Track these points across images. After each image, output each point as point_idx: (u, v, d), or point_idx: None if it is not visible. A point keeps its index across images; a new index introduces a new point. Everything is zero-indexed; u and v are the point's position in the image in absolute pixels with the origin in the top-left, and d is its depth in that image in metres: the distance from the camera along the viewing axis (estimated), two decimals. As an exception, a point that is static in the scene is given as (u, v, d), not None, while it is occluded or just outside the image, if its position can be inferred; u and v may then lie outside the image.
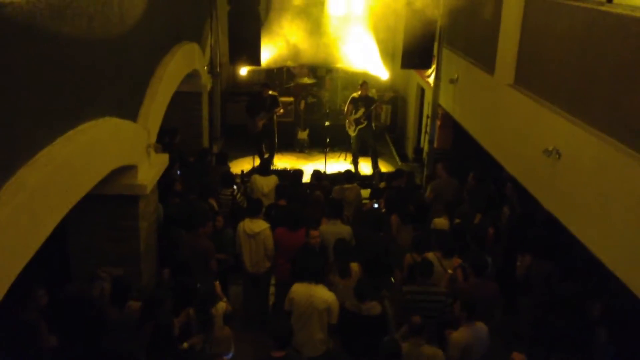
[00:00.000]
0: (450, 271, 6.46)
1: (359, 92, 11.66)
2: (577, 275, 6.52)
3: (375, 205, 8.25)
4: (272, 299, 7.73)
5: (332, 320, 5.85)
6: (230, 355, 5.73)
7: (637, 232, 4.45)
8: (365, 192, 9.77)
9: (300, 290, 5.92)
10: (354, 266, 6.53)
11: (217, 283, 6.29)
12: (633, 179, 4.54)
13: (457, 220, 7.75)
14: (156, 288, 6.53)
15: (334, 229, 7.26)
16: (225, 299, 6.20)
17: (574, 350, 5.62)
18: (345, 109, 11.86)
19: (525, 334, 6.46)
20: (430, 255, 6.60)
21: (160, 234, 7.24)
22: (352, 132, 11.88)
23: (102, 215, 6.36)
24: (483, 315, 5.68)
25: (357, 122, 11.67)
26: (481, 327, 5.54)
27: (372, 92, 12.17)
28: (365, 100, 11.57)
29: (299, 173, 9.31)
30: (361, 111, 11.54)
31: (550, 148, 5.76)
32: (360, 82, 11.97)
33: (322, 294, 5.84)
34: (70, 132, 4.50)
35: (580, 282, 6.26)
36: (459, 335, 5.45)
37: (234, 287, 8.11)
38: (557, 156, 5.70)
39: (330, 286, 6.32)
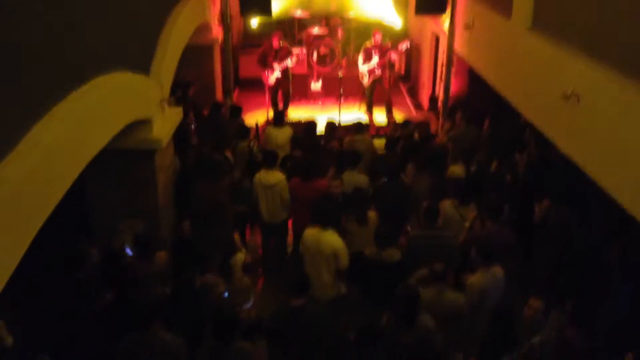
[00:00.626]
0: (467, 224, 6.46)
1: (372, 42, 11.45)
2: (595, 221, 6.50)
3: None
4: (289, 249, 7.81)
5: (340, 265, 5.93)
6: (249, 305, 5.84)
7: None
8: (381, 142, 9.71)
9: (310, 234, 6.05)
10: (372, 214, 6.56)
11: (236, 234, 6.36)
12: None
13: (474, 168, 7.71)
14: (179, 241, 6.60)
15: (352, 179, 7.27)
16: (244, 250, 6.29)
17: (591, 295, 5.65)
18: (359, 58, 11.68)
19: (543, 280, 6.49)
20: (447, 203, 6.60)
21: (177, 187, 7.29)
22: (365, 82, 11.73)
23: (119, 170, 6.43)
24: (499, 261, 5.70)
25: (371, 71, 11.50)
26: (498, 271, 5.58)
27: (386, 41, 11.93)
28: (379, 50, 11.38)
29: (312, 124, 9.26)
30: (375, 60, 11.36)
31: (569, 92, 5.64)
32: (373, 31, 11.73)
33: (330, 239, 5.91)
34: (84, 87, 4.49)
35: (598, 227, 6.25)
36: (475, 279, 5.50)
37: (252, 238, 8.23)
38: (576, 100, 5.59)
39: (347, 234, 6.39)
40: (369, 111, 12.01)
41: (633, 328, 5.72)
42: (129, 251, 5.91)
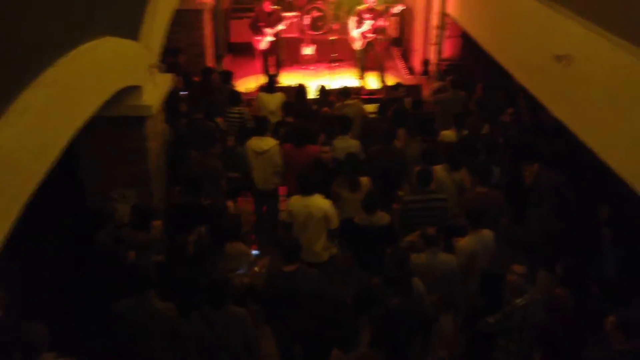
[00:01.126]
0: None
1: (365, 5, 11.29)
2: (585, 183, 6.55)
3: None
4: (282, 215, 7.84)
5: (331, 225, 6.05)
6: (242, 271, 5.89)
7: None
8: (373, 107, 9.68)
9: (296, 202, 6.11)
10: (364, 180, 6.59)
11: (230, 203, 6.34)
12: (645, 82, 4.45)
13: (465, 132, 7.71)
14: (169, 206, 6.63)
15: (343, 144, 7.27)
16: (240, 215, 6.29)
17: (581, 256, 5.72)
18: (351, 23, 11.53)
19: (533, 242, 6.56)
20: (439, 168, 6.62)
21: (169, 154, 7.27)
22: (357, 47, 11.61)
23: (110, 138, 6.40)
24: (489, 223, 5.77)
25: (363, 36, 11.38)
26: (487, 234, 5.65)
27: (379, 4, 11.77)
28: (371, 14, 11.23)
29: (302, 89, 9.19)
30: (367, 24, 11.23)
31: (562, 54, 5.62)
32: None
33: (318, 202, 6.01)
34: (72, 53, 4.42)
35: (588, 189, 6.30)
36: (465, 242, 5.57)
37: (245, 204, 8.24)
38: (569, 62, 5.56)
39: (339, 199, 6.42)
40: (362, 76, 11.93)
41: (622, 288, 5.83)
42: None
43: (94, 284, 5.33)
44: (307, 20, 12.82)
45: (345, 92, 9.13)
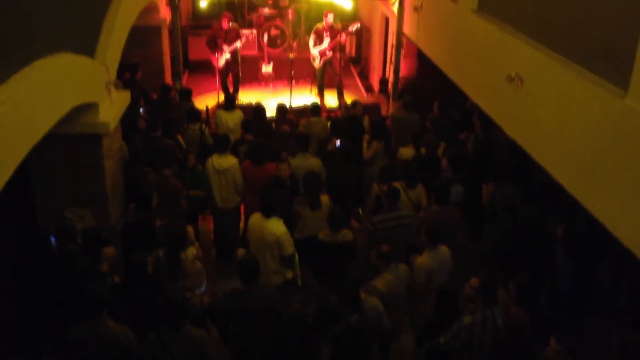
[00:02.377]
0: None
1: (324, 23, 11.42)
2: (539, 199, 6.73)
3: (338, 143, 8.27)
4: (241, 232, 7.81)
5: (283, 252, 5.92)
6: (202, 289, 5.82)
7: (594, 156, 4.58)
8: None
9: (254, 221, 6.06)
10: (324, 198, 6.61)
11: (190, 228, 6.18)
12: (593, 103, 4.62)
13: (423, 150, 7.85)
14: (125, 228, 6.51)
15: (303, 162, 7.29)
16: (197, 244, 6.15)
17: (534, 272, 5.86)
18: (310, 40, 11.64)
19: (489, 258, 6.69)
20: (396, 185, 6.71)
21: (125, 172, 7.16)
22: (316, 65, 11.72)
23: (65, 155, 6.27)
24: (446, 240, 5.87)
25: (322, 54, 11.49)
26: (444, 250, 5.75)
27: (337, 23, 11.93)
28: (330, 32, 11.36)
29: (261, 107, 9.21)
30: (326, 42, 11.35)
31: (513, 74, 5.79)
32: (324, 12, 11.71)
33: (272, 226, 5.90)
34: (25, 69, 4.34)
35: (541, 205, 6.47)
36: (423, 260, 5.65)
37: (204, 223, 8.18)
38: (520, 83, 5.74)
39: (300, 218, 6.42)
40: (320, 94, 12.02)
41: (575, 304, 5.99)
42: (52, 239, 5.78)
43: (50, 304, 5.20)
44: (265, 37, 12.88)
45: (315, 108, 9.19)
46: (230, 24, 11.36)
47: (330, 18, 11.34)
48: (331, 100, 12.25)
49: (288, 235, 5.96)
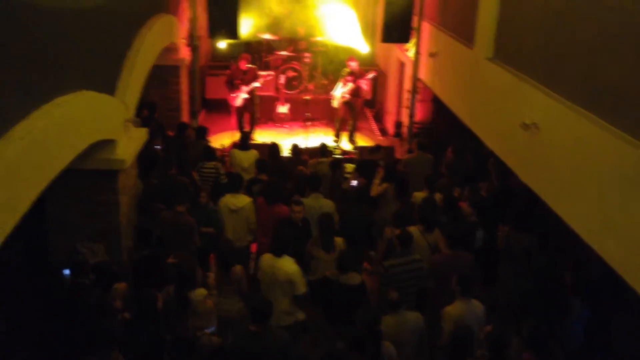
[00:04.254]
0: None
1: (349, 68, 11.61)
2: (554, 246, 6.65)
3: (354, 183, 8.28)
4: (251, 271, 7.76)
5: (296, 291, 5.88)
6: (212, 329, 5.76)
7: (610, 205, 4.55)
8: (350, 167, 9.82)
9: (265, 261, 6.01)
10: (338, 240, 6.58)
11: (200, 269, 6.16)
12: (608, 153, 4.61)
13: (437, 194, 7.83)
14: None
15: (316, 203, 7.29)
16: (206, 291, 5.99)
17: (548, 319, 5.76)
18: (337, 84, 11.81)
19: (503, 304, 6.59)
20: (413, 229, 6.66)
21: (140, 209, 7.19)
22: (334, 105, 11.88)
23: (81, 190, 6.32)
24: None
25: (342, 96, 11.65)
26: (477, 304, 5.59)
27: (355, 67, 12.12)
28: (352, 75, 11.54)
29: (275, 147, 9.28)
30: (348, 86, 11.52)
31: (528, 122, 5.81)
32: (346, 57, 11.93)
33: (284, 265, 5.86)
34: (46, 106, 4.43)
35: (556, 253, 6.40)
36: (452, 308, 5.49)
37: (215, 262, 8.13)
38: (535, 130, 5.75)
39: (313, 259, 6.38)
40: (337, 135, 12.13)
41: (589, 354, 5.85)
42: (66, 272, 5.77)
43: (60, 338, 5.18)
44: (282, 79, 13.07)
45: (324, 150, 9.26)
46: (248, 66, 11.55)
47: (353, 64, 11.53)
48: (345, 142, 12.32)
49: (300, 274, 5.92)
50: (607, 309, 5.82)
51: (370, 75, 11.69)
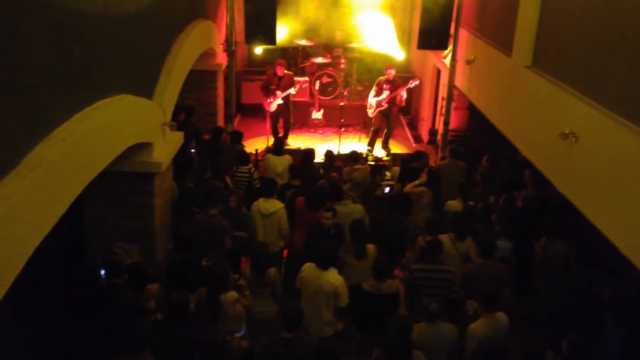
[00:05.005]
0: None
1: (386, 76, 11.58)
2: (593, 259, 6.49)
3: (387, 190, 8.24)
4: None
5: (339, 303, 5.88)
6: (242, 333, 5.80)
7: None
8: (389, 174, 9.82)
9: (309, 271, 5.98)
10: (370, 247, 6.55)
11: (231, 273, 6.19)
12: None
13: (471, 203, 7.74)
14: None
15: (345, 209, 7.26)
16: (237, 295, 5.94)
17: (586, 333, 5.63)
18: (372, 91, 11.80)
19: (540, 317, 6.46)
20: (444, 237, 6.61)
21: (175, 211, 7.29)
22: (370, 114, 11.85)
23: (117, 192, 6.44)
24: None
25: (378, 104, 11.63)
26: (501, 318, 5.50)
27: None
28: (390, 84, 11.50)
29: (310, 152, 9.30)
30: (385, 94, 11.49)
31: (567, 131, 5.70)
32: (382, 64, 11.90)
33: (330, 277, 5.85)
34: (87, 109, 4.53)
35: (596, 267, 6.24)
36: (476, 327, 5.41)
37: (246, 266, 8.18)
38: (574, 139, 5.64)
39: (345, 267, 6.37)
40: (371, 143, 12.10)
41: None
42: (102, 272, 5.88)
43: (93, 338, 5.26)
44: (317, 85, 13.11)
45: (355, 156, 9.26)
46: (285, 72, 11.62)
47: (392, 72, 11.50)
48: (379, 149, 12.28)
49: (345, 286, 5.92)
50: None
51: (413, 84, 11.63)
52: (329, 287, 5.81)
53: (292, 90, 11.58)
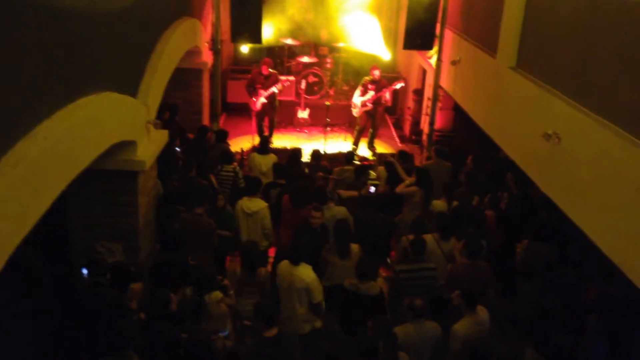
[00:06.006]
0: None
1: (371, 76, 11.59)
2: (575, 260, 6.55)
3: (372, 189, 8.25)
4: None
5: (313, 299, 5.86)
6: (226, 333, 5.78)
7: (633, 218, 4.47)
8: (374, 174, 9.81)
9: (283, 268, 6.01)
10: (354, 247, 6.56)
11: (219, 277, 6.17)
12: (631, 165, 4.54)
13: (455, 203, 7.78)
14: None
15: (329, 213, 7.21)
16: (221, 295, 5.85)
17: (570, 333, 5.66)
18: (357, 91, 11.80)
19: (524, 318, 6.49)
20: (429, 237, 6.63)
21: (158, 210, 7.25)
22: (355, 113, 11.86)
23: (101, 190, 6.38)
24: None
25: (363, 104, 11.64)
26: (482, 314, 5.53)
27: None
28: (375, 84, 11.52)
29: (297, 151, 9.29)
30: (370, 94, 11.50)
31: (550, 132, 5.74)
32: (368, 63, 11.91)
33: (302, 273, 5.84)
34: (70, 106, 4.49)
35: (578, 267, 6.29)
36: (460, 327, 5.40)
37: (231, 264, 8.16)
38: (557, 140, 5.69)
39: (329, 265, 6.37)
40: (356, 143, 12.11)
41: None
42: (84, 271, 5.83)
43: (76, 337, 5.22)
44: (303, 84, 13.09)
45: (350, 157, 9.28)
46: (270, 70, 11.59)
47: (376, 73, 11.51)
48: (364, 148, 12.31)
49: (317, 282, 5.91)
50: (630, 330, 5.69)
51: (398, 85, 11.66)
52: (300, 283, 5.81)
53: (274, 89, 11.54)
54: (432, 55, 11.13)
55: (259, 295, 6.10)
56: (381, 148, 12.42)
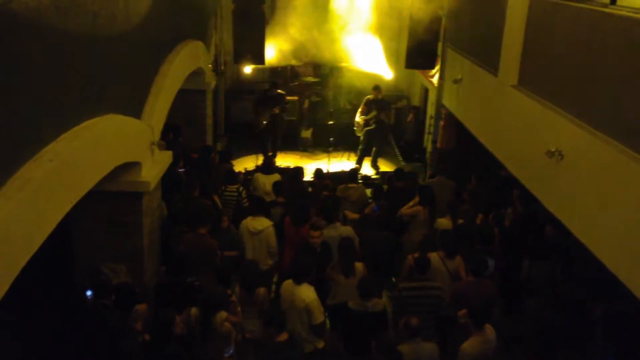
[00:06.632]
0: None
1: (373, 95, 11.66)
2: (581, 277, 6.52)
3: (376, 208, 8.26)
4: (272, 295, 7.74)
5: (313, 321, 5.81)
6: (230, 352, 5.75)
7: (637, 234, 4.46)
8: (369, 192, 9.81)
9: (286, 287, 6.01)
10: (359, 266, 6.55)
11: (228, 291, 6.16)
12: (634, 181, 4.54)
13: (460, 221, 7.77)
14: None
15: (334, 232, 7.20)
16: (226, 314, 5.80)
17: (577, 351, 5.62)
18: (359, 110, 11.88)
19: (529, 335, 6.45)
20: (434, 255, 6.61)
21: (163, 231, 7.26)
22: (359, 133, 11.91)
23: (105, 212, 6.40)
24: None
25: (366, 123, 11.69)
26: (490, 333, 5.48)
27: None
28: (378, 104, 11.59)
29: (299, 171, 9.32)
30: (373, 114, 11.56)
31: (553, 149, 5.76)
32: (370, 83, 12.00)
33: (302, 293, 5.82)
34: (75, 129, 4.52)
35: (583, 284, 6.26)
36: (468, 346, 5.36)
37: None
38: (560, 157, 5.70)
39: (333, 284, 6.35)
40: (359, 161, 12.14)
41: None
42: (89, 293, 5.83)
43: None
44: (306, 104, 13.17)
45: (353, 175, 9.30)
46: (278, 91, 11.66)
47: (378, 91, 11.58)
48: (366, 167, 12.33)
49: (318, 303, 5.87)
50: (636, 346, 5.64)
51: (400, 103, 11.76)
52: (300, 302, 5.79)
53: (280, 109, 11.60)
54: (434, 74, 11.21)
55: (258, 315, 6.09)
56: (385, 167, 12.44)
